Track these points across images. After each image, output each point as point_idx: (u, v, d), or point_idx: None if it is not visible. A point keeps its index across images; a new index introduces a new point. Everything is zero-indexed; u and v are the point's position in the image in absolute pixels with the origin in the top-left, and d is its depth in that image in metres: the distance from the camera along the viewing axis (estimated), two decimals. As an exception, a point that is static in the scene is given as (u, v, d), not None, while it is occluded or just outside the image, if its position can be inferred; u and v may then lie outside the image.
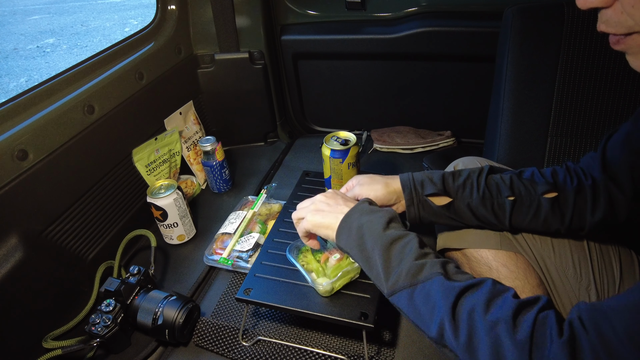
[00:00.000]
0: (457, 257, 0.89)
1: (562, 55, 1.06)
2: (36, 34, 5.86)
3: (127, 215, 1.22)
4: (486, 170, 0.79)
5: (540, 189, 0.75)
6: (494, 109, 1.19)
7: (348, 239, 0.69)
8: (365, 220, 0.69)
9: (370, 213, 0.70)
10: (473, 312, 0.54)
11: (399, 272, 0.62)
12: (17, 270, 0.88)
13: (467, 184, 0.78)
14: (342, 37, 1.52)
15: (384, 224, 0.68)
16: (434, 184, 0.78)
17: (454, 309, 0.56)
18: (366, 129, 1.68)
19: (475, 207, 0.77)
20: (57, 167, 0.99)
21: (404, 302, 0.61)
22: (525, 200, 0.76)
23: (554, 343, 0.48)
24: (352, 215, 0.71)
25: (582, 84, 1.06)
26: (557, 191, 0.75)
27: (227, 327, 0.94)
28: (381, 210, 0.71)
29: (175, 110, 1.39)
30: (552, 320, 0.50)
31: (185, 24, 1.47)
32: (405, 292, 0.61)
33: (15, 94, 0.97)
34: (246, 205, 1.29)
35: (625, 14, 0.46)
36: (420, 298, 0.59)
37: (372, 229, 0.67)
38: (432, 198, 0.79)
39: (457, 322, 0.55)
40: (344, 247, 0.71)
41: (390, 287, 0.62)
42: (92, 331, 0.88)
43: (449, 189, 0.78)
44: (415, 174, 0.82)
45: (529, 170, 0.79)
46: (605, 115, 1.06)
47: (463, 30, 1.40)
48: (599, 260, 0.82)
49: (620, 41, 0.49)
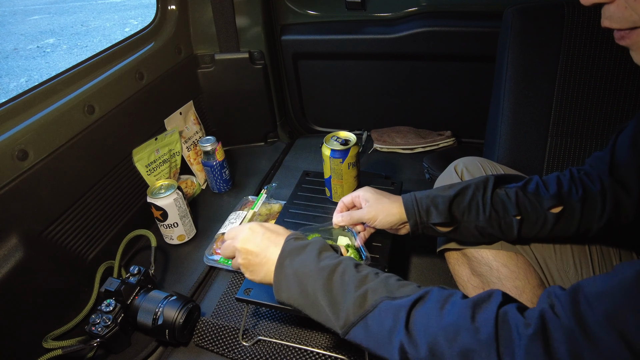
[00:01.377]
0: (457, 257, 0.89)
1: (562, 55, 1.06)
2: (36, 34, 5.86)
3: (127, 215, 1.22)
4: (491, 186, 0.77)
5: (546, 204, 0.74)
6: (494, 109, 1.19)
7: (289, 290, 0.63)
8: (298, 263, 0.63)
9: (299, 252, 0.65)
10: (428, 326, 0.53)
11: (347, 309, 0.58)
12: (17, 270, 0.88)
13: (473, 206, 0.76)
14: (342, 37, 1.52)
15: (316, 257, 0.63)
16: (439, 212, 0.76)
17: (407, 328, 0.53)
18: (366, 129, 1.68)
19: (482, 227, 0.76)
20: (57, 167, 0.99)
21: (361, 337, 0.58)
22: (531, 217, 0.75)
23: (522, 337, 0.46)
24: (284, 263, 0.64)
25: (582, 83, 1.06)
26: (563, 204, 0.74)
27: (227, 327, 0.94)
28: (307, 242, 0.66)
29: (176, 110, 1.39)
30: (514, 314, 0.49)
31: (186, 24, 1.47)
32: (358, 327, 0.58)
33: (16, 94, 0.97)
34: (246, 205, 1.29)
35: (629, 9, 0.46)
36: (374, 328, 0.57)
37: (307, 267, 0.62)
38: (438, 226, 0.77)
39: (415, 340, 0.53)
40: (286, 300, 0.64)
41: (342, 327, 0.59)
42: (93, 331, 0.88)
43: (454, 215, 0.76)
44: (420, 199, 0.78)
45: (534, 182, 0.77)
46: (606, 115, 1.06)
47: (463, 30, 1.40)
48: (600, 260, 0.82)
49: (625, 36, 0.49)
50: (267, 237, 0.68)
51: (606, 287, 0.44)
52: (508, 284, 0.80)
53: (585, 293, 0.45)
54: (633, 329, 0.40)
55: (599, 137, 1.07)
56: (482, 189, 0.77)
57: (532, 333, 0.46)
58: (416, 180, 1.45)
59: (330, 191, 1.12)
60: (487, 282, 0.83)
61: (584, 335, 0.43)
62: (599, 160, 0.77)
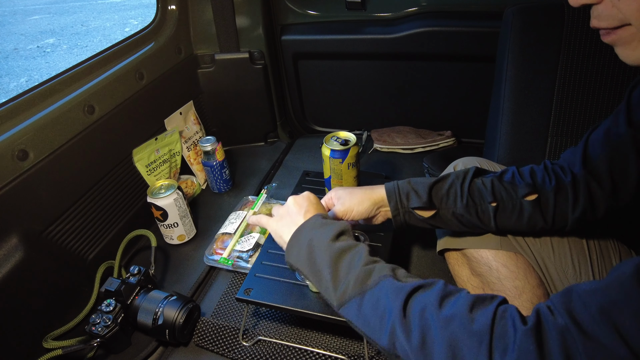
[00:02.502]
0: (457, 258, 0.89)
1: (562, 55, 1.06)
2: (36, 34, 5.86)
3: (127, 215, 1.22)
4: (470, 175, 0.79)
5: (520, 192, 0.75)
6: (494, 109, 1.19)
7: (298, 255, 0.68)
8: (315, 234, 0.68)
9: (321, 227, 0.69)
10: (424, 311, 0.52)
11: (347, 282, 0.60)
12: (18, 271, 0.88)
13: (451, 193, 0.78)
14: (342, 37, 1.52)
15: (334, 236, 0.66)
16: (419, 197, 0.78)
17: (404, 309, 0.53)
18: (366, 129, 1.68)
19: (460, 214, 0.78)
20: (57, 167, 0.99)
21: (353, 312, 0.59)
22: (507, 204, 0.76)
23: (518, 331, 0.46)
24: (303, 230, 0.70)
25: (582, 84, 1.06)
26: (537, 192, 0.75)
27: (227, 327, 0.94)
28: (333, 222, 0.70)
29: (176, 110, 1.39)
30: (512, 311, 0.49)
31: (186, 24, 1.47)
32: (354, 301, 0.58)
33: (16, 94, 0.97)
34: (246, 205, 1.29)
35: (615, 8, 0.48)
36: (369, 306, 0.57)
37: (321, 242, 0.66)
38: (417, 210, 0.79)
39: (408, 323, 0.52)
40: (294, 263, 0.69)
41: (339, 299, 0.60)
42: (93, 331, 0.88)
43: (433, 201, 0.78)
44: (401, 184, 0.81)
45: (510, 172, 0.79)
46: (606, 115, 1.06)
47: (463, 30, 1.40)
48: (599, 260, 0.82)
49: (610, 33, 0.51)
50: (307, 205, 0.76)
51: (601, 284, 0.44)
52: (508, 284, 0.80)
53: (578, 291, 0.46)
54: (628, 323, 0.40)
55: (599, 137, 1.07)
56: (461, 177, 0.79)
57: (527, 328, 0.46)
58: (416, 180, 1.44)
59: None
60: (486, 282, 0.83)
61: (578, 330, 0.43)
62: (572, 154, 0.78)
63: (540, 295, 0.79)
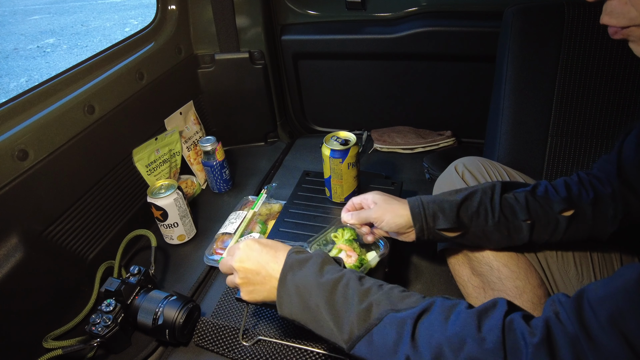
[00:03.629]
0: (458, 257, 0.89)
1: (562, 55, 1.06)
2: (36, 34, 5.86)
3: (127, 215, 1.22)
4: (498, 190, 0.76)
5: (556, 207, 0.73)
6: (494, 108, 1.19)
7: (290, 305, 0.63)
8: (300, 277, 0.63)
9: (301, 265, 0.64)
10: (432, 337, 0.52)
11: (350, 322, 0.58)
12: (18, 270, 0.88)
13: (481, 211, 0.75)
14: (342, 37, 1.52)
15: (318, 271, 0.63)
16: (446, 218, 0.74)
17: (413, 340, 0.54)
18: (366, 129, 1.68)
19: (490, 232, 0.75)
20: (57, 167, 0.99)
21: (365, 351, 0.58)
22: (542, 220, 0.74)
23: (529, 345, 0.46)
24: (286, 277, 0.64)
25: (582, 83, 1.06)
26: (574, 207, 0.73)
27: (227, 327, 0.94)
28: (310, 256, 0.66)
29: (176, 110, 1.39)
30: (519, 322, 0.49)
31: (186, 24, 1.47)
32: (363, 340, 0.58)
33: (16, 94, 0.97)
34: (246, 205, 1.29)
35: (630, 4, 0.48)
36: (379, 342, 0.57)
37: (309, 283, 0.62)
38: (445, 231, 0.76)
39: (419, 351, 0.53)
40: (288, 315, 0.64)
41: (347, 341, 0.59)
42: (93, 331, 0.88)
43: (462, 220, 0.75)
44: (426, 203, 0.77)
45: (542, 186, 0.77)
46: (606, 114, 1.06)
47: (463, 30, 1.40)
48: (600, 260, 0.82)
49: (618, 32, 0.51)
50: (265, 253, 0.67)
51: (609, 291, 0.44)
52: (508, 284, 0.80)
53: (588, 298, 0.46)
54: (636, 332, 0.41)
55: (599, 137, 1.07)
56: (489, 193, 0.76)
57: (538, 341, 0.46)
58: (416, 180, 1.44)
59: (330, 191, 1.12)
60: (487, 282, 0.83)
61: (587, 340, 0.43)
62: (606, 163, 0.76)
63: (541, 296, 0.79)
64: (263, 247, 0.68)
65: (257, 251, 0.67)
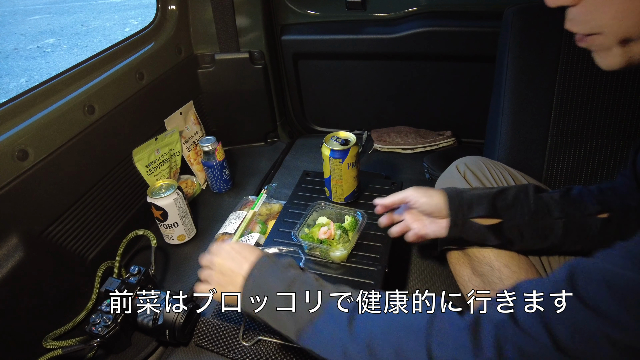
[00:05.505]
0: (458, 257, 0.89)
1: (562, 55, 1.06)
2: (36, 34, 5.86)
3: (127, 215, 1.22)
4: (532, 189, 0.78)
5: (591, 209, 0.74)
6: (494, 108, 1.19)
7: (251, 302, 0.66)
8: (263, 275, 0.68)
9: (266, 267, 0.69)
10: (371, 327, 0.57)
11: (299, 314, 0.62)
12: (17, 271, 0.88)
13: (517, 204, 0.76)
14: (342, 37, 1.52)
15: (279, 271, 0.67)
16: (482, 206, 0.76)
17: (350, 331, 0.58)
18: (366, 129, 1.68)
19: (525, 227, 0.76)
20: (57, 167, 0.99)
21: (311, 341, 0.61)
22: (576, 221, 0.74)
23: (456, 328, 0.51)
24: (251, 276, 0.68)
25: (582, 83, 1.06)
26: (609, 211, 0.74)
27: (228, 327, 0.94)
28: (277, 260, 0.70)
29: (176, 110, 1.39)
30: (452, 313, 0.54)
31: (186, 24, 1.47)
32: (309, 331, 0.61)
33: (16, 94, 0.97)
34: (246, 205, 1.29)
35: (592, 13, 0.48)
36: (324, 332, 0.60)
37: (270, 280, 0.66)
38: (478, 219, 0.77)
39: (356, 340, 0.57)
40: (249, 311, 0.67)
41: (296, 333, 0.62)
42: (93, 331, 0.88)
43: (498, 210, 0.76)
44: (462, 191, 0.79)
45: (576, 189, 0.78)
46: (606, 114, 1.06)
47: (463, 30, 1.40)
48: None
49: (582, 39, 0.51)
50: (242, 255, 0.72)
51: (540, 289, 0.49)
52: (509, 284, 0.80)
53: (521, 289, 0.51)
54: (564, 331, 0.45)
55: (599, 137, 1.07)
56: (524, 190, 0.77)
57: (467, 325, 0.51)
58: (416, 180, 1.44)
59: (330, 191, 1.12)
60: (488, 282, 0.82)
61: (514, 324, 0.48)
62: (625, 179, 0.77)
63: (541, 296, 0.79)
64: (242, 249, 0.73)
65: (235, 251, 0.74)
